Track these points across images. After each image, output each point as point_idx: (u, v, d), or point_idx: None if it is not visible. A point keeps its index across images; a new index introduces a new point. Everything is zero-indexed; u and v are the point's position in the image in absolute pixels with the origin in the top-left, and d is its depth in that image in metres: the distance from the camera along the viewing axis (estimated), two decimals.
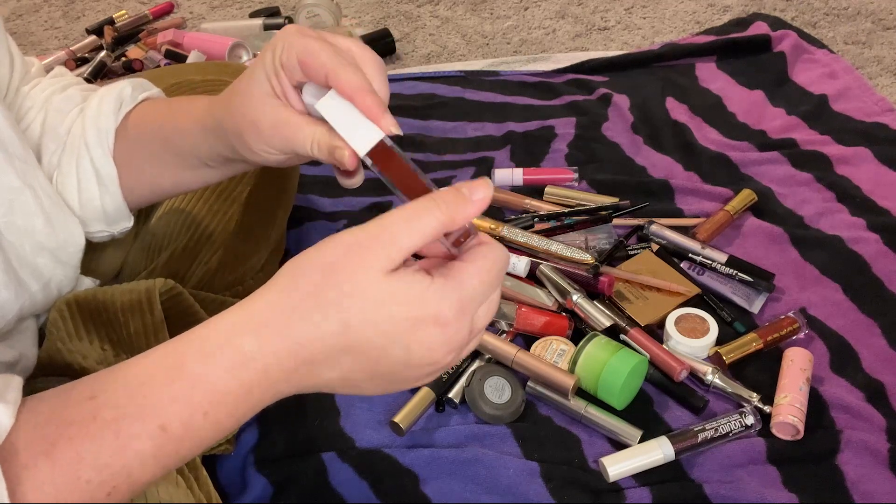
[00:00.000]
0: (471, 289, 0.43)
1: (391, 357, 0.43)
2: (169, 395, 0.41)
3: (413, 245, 0.42)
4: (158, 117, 0.67)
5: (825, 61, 1.31)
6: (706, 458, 0.76)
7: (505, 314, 0.88)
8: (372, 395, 0.45)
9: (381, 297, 0.41)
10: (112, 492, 0.42)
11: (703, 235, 0.98)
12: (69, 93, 0.69)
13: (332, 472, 0.76)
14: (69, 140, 0.67)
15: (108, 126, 0.66)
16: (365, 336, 0.42)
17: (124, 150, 0.67)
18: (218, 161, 0.64)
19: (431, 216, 0.42)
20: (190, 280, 0.81)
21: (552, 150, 1.18)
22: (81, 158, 0.66)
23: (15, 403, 0.41)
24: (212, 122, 0.60)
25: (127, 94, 0.67)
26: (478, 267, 0.43)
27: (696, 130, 1.19)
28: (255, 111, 0.55)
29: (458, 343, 0.43)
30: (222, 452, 0.78)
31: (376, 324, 0.42)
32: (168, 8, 1.67)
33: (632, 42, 1.50)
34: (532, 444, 0.78)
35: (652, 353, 0.82)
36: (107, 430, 0.41)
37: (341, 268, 0.42)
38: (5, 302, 0.58)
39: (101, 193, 0.67)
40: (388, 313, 0.42)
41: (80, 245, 0.66)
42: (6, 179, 0.59)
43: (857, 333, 0.86)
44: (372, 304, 0.41)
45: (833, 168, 1.09)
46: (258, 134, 0.55)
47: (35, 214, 0.61)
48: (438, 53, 1.52)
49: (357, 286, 0.41)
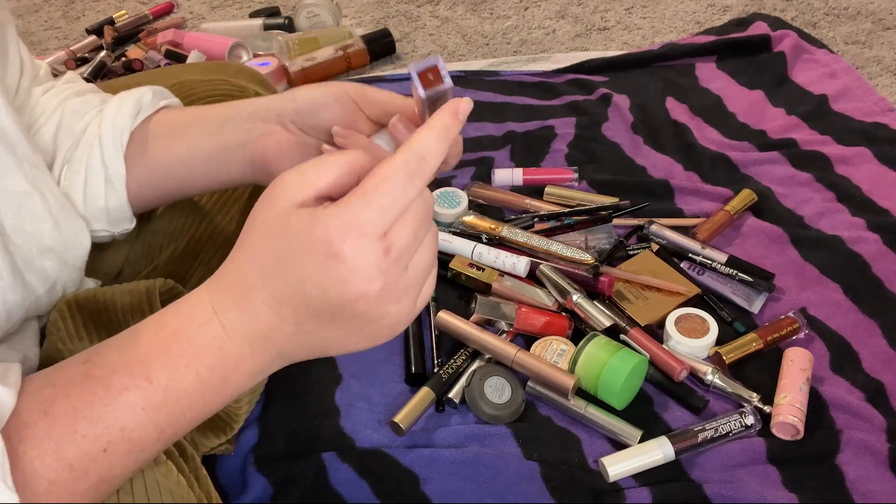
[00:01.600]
0: (359, 210, 0.41)
1: (314, 298, 0.43)
2: (151, 348, 0.45)
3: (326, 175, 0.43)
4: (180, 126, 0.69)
5: (825, 61, 1.31)
6: (706, 458, 0.76)
7: (505, 314, 0.88)
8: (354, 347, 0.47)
9: (283, 228, 0.43)
10: (108, 447, 0.44)
11: (703, 235, 0.98)
12: (87, 97, 0.70)
13: (332, 472, 0.76)
14: (84, 138, 0.68)
15: (125, 126, 0.67)
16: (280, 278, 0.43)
17: (137, 153, 0.68)
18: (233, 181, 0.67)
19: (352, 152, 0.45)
20: (190, 280, 0.81)
21: (552, 150, 1.18)
22: (93, 155, 0.67)
23: (16, 386, 0.44)
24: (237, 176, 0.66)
25: (147, 99, 0.69)
26: (365, 190, 0.42)
27: (696, 130, 1.19)
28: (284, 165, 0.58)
29: (372, 266, 0.42)
30: (222, 452, 0.78)
31: (283, 260, 0.43)
32: (168, 8, 1.67)
33: (632, 42, 1.50)
34: (532, 444, 0.78)
35: (652, 353, 0.82)
36: (98, 385, 0.44)
37: (258, 211, 0.45)
38: (12, 305, 0.58)
39: (106, 192, 0.67)
40: (290, 247, 0.42)
41: (86, 247, 0.66)
42: (15, 183, 0.59)
43: (857, 333, 0.86)
44: (275, 237, 0.43)
45: (833, 168, 1.09)
46: None
47: (43, 218, 0.61)
48: (438, 53, 1.52)
49: (267, 223, 0.44)
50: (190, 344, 0.45)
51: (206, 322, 0.46)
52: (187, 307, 0.47)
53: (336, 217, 0.41)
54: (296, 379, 0.84)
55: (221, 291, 0.46)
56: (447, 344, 0.88)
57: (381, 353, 0.87)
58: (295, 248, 0.42)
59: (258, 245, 0.44)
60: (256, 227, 0.45)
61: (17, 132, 0.60)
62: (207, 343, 0.45)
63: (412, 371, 0.84)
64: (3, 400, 0.43)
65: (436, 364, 0.85)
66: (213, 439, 0.74)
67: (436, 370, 0.84)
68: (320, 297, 0.43)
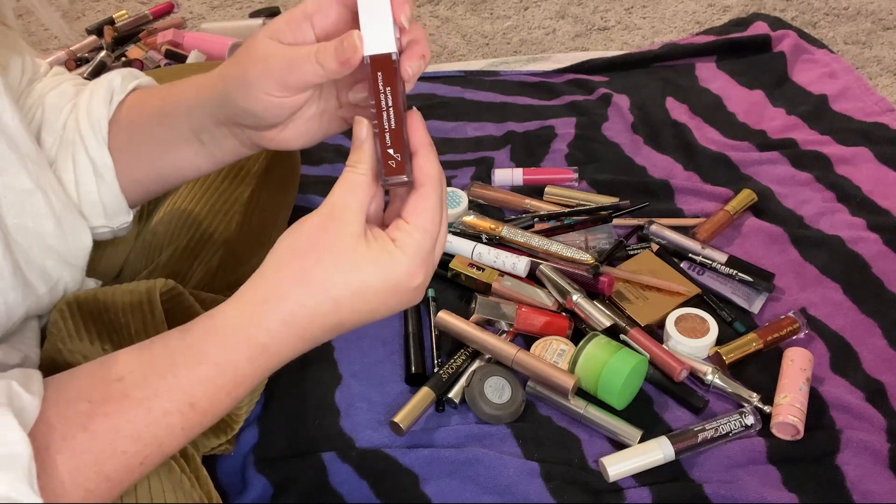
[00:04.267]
0: (429, 245, 0.51)
1: (379, 313, 0.51)
2: (196, 377, 0.48)
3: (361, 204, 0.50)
4: (155, 95, 0.67)
5: (825, 61, 1.31)
6: (706, 458, 0.76)
7: (505, 314, 0.88)
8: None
9: (358, 260, 0.49)
10: (145, 461, 0.47)
11: (703, 235, 0.98)
12: (62, 88, 0.69)
13: (332, 472, 0.76)
14: (64, 134, 0.67)
15: (101, 116, 0.66)
16: (354, 308, 0.50)
17: (120, 139, 0.66)
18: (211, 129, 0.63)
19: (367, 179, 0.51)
20: (190, 280, 0.81)
21: (552, 150, 1.18)
22: (77, 151, 0.66)
23: (39, 394, 0.46)
24: (212, 78, 0.61)
25: (117, 84, 0.67)
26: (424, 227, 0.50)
27: (696, 130, 1.19)
28: (260, 50, 0.55)
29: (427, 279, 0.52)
30: (222, 452, 0.78)
31: (363, 294, 0.49)
32: (168, 8, 1.66)
33: (632, 42, 1.50)
34: (532, 444, 0.78)
35: (652, 353, 0.82)
36: (140, 407, 0.47)
37: (319, 245, 0.49)
38: (13, 304, 0.58)
39: (98, 185, 0.67)
40: (369, 282, 0.49)
41: (87, 246, 0.66)
42: (19, 181, 0.59)
43: (857, 333, 0.86)
44: (352, 270, 0.49)
45: (833, 168, 1.09)
46: (263, 67, 0.55)
47: (46, 217, 0.61)
48: (438, 53, 1.52)
49: (338, 255, 0.49)
50: (235, 375, 0.49)
51: (255, 357, 0.49)
52: (232, 340, 0.49)
53: (411, 257, 0.50)
54: (296, 379, 0.84)
55: (276, 326, 0.49)
56: (447, 344, 0.88)
57: (381, 353, 0.88)
58: (376, 285, 0.49)
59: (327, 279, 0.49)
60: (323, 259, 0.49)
61: (21, 130, 0.60)
62: (253, 372, 0.50)
63: (412, 371, 0.84)
64: (29, 408, 0.44)
65: (436, 364, 0.85)
66: (213, 439, 0.74)
67: (436, 370, 0.84)
68: (385, 313, 0.52)
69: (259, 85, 0.55)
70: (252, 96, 0.56)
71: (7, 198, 0.58)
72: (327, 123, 0.61)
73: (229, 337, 0.49)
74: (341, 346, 0.88)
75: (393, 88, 0.51)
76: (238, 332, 0.49)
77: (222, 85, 0.59)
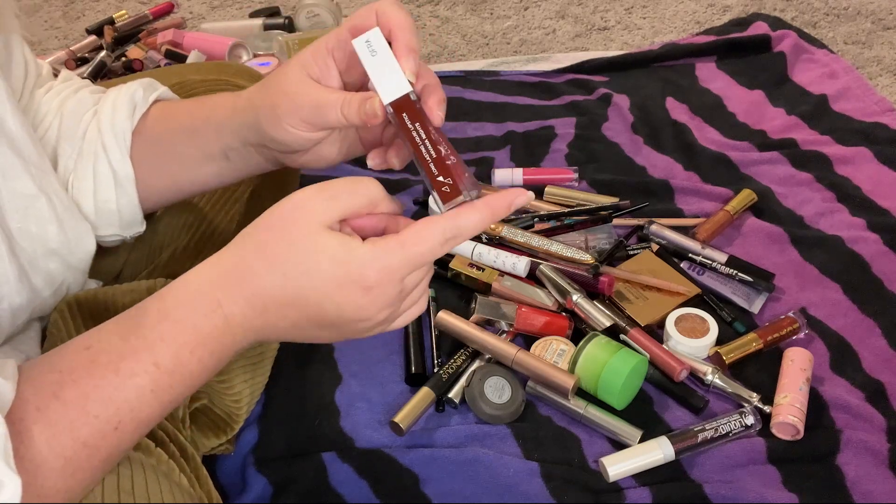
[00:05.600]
0: (397, 260, 0.49)
1: (327, 312, 0.50)
2: (157, 335, 0.49)
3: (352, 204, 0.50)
4: (183, 111, 0.69)
5: (825, 61, 1.31)
6: (706, 458, 0.76)
7: (505, 314, 0.88)
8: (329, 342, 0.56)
9: (314, 247, 0.48)
10: (119, 426, 0.48)
11: (703, 235, 0.98)
12: (80, 95, 0.70)
13: (332, 472, 0.76)
14: (85, 144, 0.68)
15: (125, 128, 0.67)
16: (301, 289, 0.49)
17: (142, 151, 0.68)
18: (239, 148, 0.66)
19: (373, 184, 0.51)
20: None
21: (552, 150, 1.18)
22: (99, 161, 0.67)
23: (13, 378, 0.46)
24: (243, 102, 0.64)
25: (139, 96, 0.69)
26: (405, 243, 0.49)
27: (696, 130, 1.19)
28: (291, 84, 0.59)
29: (387, 302, 0.50)
30: (222, 452, 0.78)
31: (310, 276, 0.49)
32: (168, 8, 1.66)
33: (632, 42, 1.50)
34: (532, 444, 0.78)
35: (652, 353, 0.82)
36: (107, 370, 0.47)
37: (285, 222, 0.50)
38: (18, 307, 0.58)
39: (117, 196, 0.68)
40: (319, 267, 0.48)
41: (90, 249, 0.67)
42: (22, 186, 0.59)
43: (857, 333, 0.86)
44: (304, 253, 0.48)
45: (833, 168, 1.09)
46: (291, 103, 0.59)
47: (49, 221, 0.61)
48: (438, 53, 1.52)
49: (295, 237, 0.49)
50: (195, 332, 0.49)
51: (210, 312, 0.50)
52: (189, 296, 0.50)
53: (375, 259, 0.48)
54: (296, 379, 0.84)
55: (230, 285, 0.50)
56: (447, 344, 0.88)
57: (380, 353, 0.87)
58: (325, 269, 0.48)
59: (281, 254, 0.49)
60: (279, 237, 0.49)
61: (24, 135, 0.60)
62: (211, 331, 0.50)
63: (412, 371, 0.84)
64: (3, 390, 0.45)
65: (436, 364, 0.85)
66: (213, 439, 0.74)
67: (436, 370, 0.84)
68: (333, 313, 0.50)
69: (287, 119, 0.59)
70: (281, 128, 0.60)
71: (11, 202, 0.58)
72: (348, 147, 0.65)
73: (188, 295, 0.50)
74: (341, 345, 0.88)
75: (421, 122, 0.53)
76: (196, 291, 0.50)
77: (253, 113, 0.63)
